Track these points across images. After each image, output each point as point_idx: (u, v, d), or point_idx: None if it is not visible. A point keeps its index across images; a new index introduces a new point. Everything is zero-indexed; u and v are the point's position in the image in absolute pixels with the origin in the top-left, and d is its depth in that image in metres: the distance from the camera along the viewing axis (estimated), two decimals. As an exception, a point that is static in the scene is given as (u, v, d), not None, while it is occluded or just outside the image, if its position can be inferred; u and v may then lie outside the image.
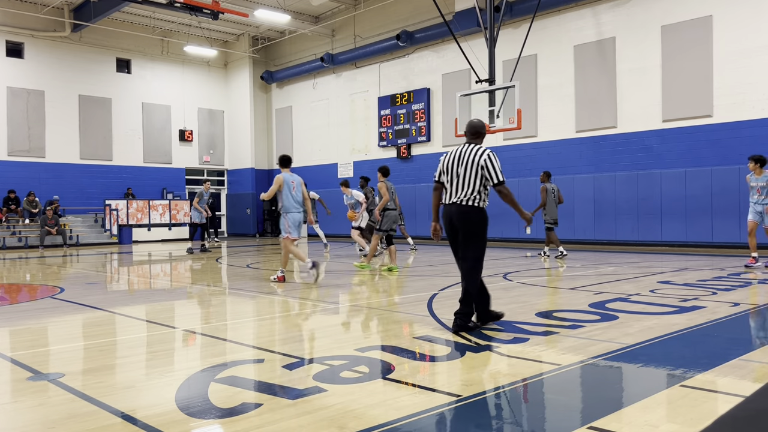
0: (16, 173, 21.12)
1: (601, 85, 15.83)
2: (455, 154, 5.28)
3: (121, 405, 3.28)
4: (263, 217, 25.97)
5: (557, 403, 3.35)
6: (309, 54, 23.99)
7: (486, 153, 5.16)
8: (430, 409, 3.14)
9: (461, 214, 5.13)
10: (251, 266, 12.08)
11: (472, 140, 5.36)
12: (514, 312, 5.96)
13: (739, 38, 13.59)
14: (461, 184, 5.16)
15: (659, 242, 14.79)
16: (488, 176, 5.11)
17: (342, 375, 3.80)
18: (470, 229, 5.15)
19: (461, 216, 5.13)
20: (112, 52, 23.43)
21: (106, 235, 21.66)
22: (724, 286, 7.78)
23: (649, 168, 14.98)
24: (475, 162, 5.13)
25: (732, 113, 13.75)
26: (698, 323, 5.29)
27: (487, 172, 5.11)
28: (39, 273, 11.44)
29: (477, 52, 16.18)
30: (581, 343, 4.57)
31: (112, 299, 7.83)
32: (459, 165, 5.19)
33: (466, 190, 5.13)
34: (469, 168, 5.14)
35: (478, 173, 5.12)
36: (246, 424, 2.94)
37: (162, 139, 24.81)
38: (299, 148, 24.91)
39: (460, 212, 5.14)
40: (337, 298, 7.61)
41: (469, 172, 5.13)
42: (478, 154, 5.16)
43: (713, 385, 3.51)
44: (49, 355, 4.68)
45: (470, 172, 5.13)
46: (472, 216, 5.13)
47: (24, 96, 21.37)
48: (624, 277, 8.89)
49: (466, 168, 5.15)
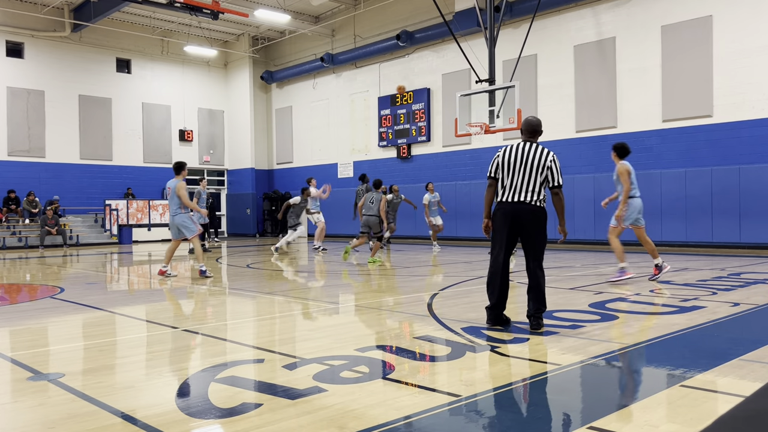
0: (16, 173, 21.12)
1: (601, 85, 15.83)
2: (515, 151, 5.21)
3: (121, 405, 3.28)
4: (263, 217, 25.97)
5: (557, 403, 3.35)
6: (309, 54, 23.99)
7: (552, 154, 5.19)
8: (430, 409, 3.14)
9: (532, 213, 5.10)
10: (251, 266, 12.08)
11: (530, 138, 5.31)
12: (514, 312, 5.95)
13: (739, 38, 13.59)
14: (526, 182, 5.11)
15: (659, 242, 14.75)
16: (551, 177, 5.12)
17: (342, 375, 3.80)
18: (541, 229, 5.16)
19: (532, 216, 5.10)
20: (112, 52, 23.44)
21: (106, 235, 21.66)
22: (724, 286, 7.78)
23: (649, 168, 14.98)
24: (542, 162, 5.12)
25: (732, 113, 13.75)
26: (698, 323, 5.29)
27: (550, 174, 5.12)
28: (39, 273, 11.44)
29: (477, 52, 16.18)
30: (581, 343, 4.57)
31: (112, 299, 7.83)
32: (522, 163, 5.13)
33: (533, 190, 5.10)
34: (535, 167, 5.11)
35: (544, 173, 5.12)
36: (246, 424, 2.94)
37: (162, 139, 24.81)
38: (299, 148, 24.92)
39: (531, 212, 5.10)
40: (337, 298, 7.61)
41: (535, 171, 5.11)
42: (544, 154, 5.16)
43: (713, 385, 3.51)
44: (49, 355, 4.68)
45: (536, 171, 5.11)
46: (542, 217, 5.16)
47: (24, 96, 21.37)
48: (624, 277, 8.88)
49: (532, 167, 5.11)
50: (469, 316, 5.82)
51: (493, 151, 18.24)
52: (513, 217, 5.13)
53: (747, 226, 13.44)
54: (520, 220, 5.12)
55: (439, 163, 19.48)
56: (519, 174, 5.13)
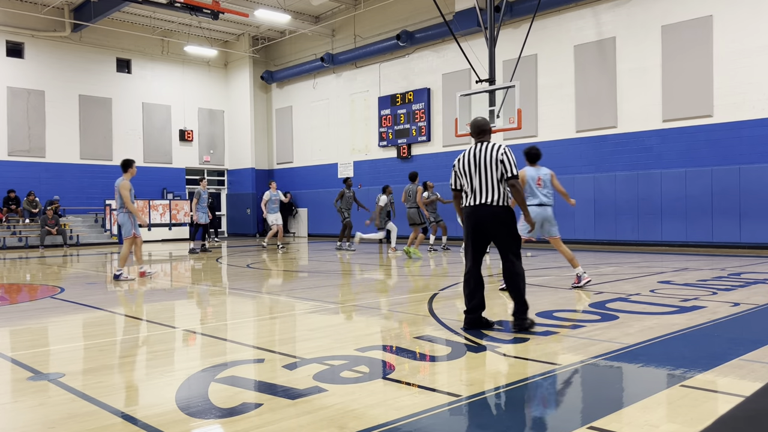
0: (16, 173, 21.11)
1: (601, 85, 15.83)
2: (468, 156, 5.20)
3: (121, 405, 3.28)
4: (263, 217, 25.92)
5: (557, 403, 3.35)
6: (309, 54, 23.99)
7: (503, 147, 5.16)
8: (430, 409, 3.14)
9: (493, 215, 5.08)
10: (251, 266, 12.08)
11: (481, 138, 5.29)
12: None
13: (739, 38, 13.59)
14: (483, 183, 5.09)
15: (659, 242, 14.79)
16: (504, 170, 5.08)
17: (342, 375, 3.80)
18: (507, 229, 5.12)
19: (494, 218, 5.08)
20: (112, 52, 23.43)
21: (106, 235, 21.66)
22: (724, 286, 7.78)
23: (649, 168, 14.98)
24: (493, 158, 5.08)
25: (732, 113, 13.75)
26: (698, 323, 5.29)
27: (503, 167, 5.08)
28: (39, 273, 11.44)
29: (477, 52, 16.17)
30: (581, 343, 4.57)
31: (112, 299, 7.83)
32: (476, 166, 5.12)
33: (492, 189, 5.07)
34: (488, 165, 5.08)
35: (498, 168, 5.08)
36: (246, 424, 2.94)
37: (162, 139, 24.80)
38: (299, 148, 24.92)
39: (492, 214, 5.08)
40: (337, 298, 7.61)
41: (489, 169, 5.08)
42: (495, 149, 5.12)
43: (713, 385, 3.51)
44: (49, 355, 4.68)
45: (490, 169, 5.08)
46: (505, 216, 5.11)
47: (24, 96, 21.37)
48: (624, 277, 8.89)
49: (486, 166, 5.09)
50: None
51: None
52: (476, 221, 5.13)
53: (747, 226, 13.44)
54: (483, 223, 5.12)
55: (440, 163, 19.47)
56: (476, 176, 5.12)
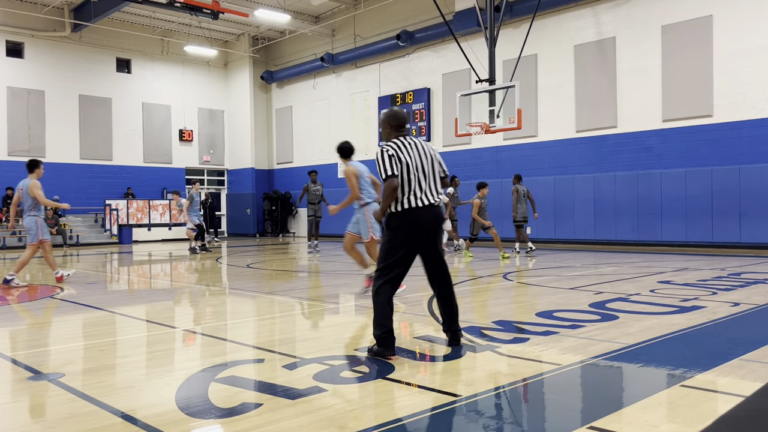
0: (16, 173, 21.06)
1: (601, 85, 15.83)
2: (416, 147, 4.41)
3: (121, 405, 3.28)
4: (263, 217, 25.96)
5: (557, 403, 3.35)
6: (309, 54, 23.99)
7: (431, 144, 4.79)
8: (430, 409, 3.14)
9: (441, 218, 4.44)
10: (251, 266, 12.08)
11: (403, 132, 4.51)
12: (514, 312, 5.96)
13: (739, 38, 13.59)
14: (432, 182, 4.42)
15: (659, 242, 14.79)
16: (441, 169, 4.54)
17: (342, 375, 3.80)
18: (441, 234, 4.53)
19: (442, 220, 4.45)
20: (112, 52, 23.43)
21: (106, 235, 21.66)
22: (724, 286, 7.78)
23: (649, 168, 14.98)
24: (435, 155, 4.52)
25: (732, 113, 13.75)
26: (698, 323, 5.29)
27: (440, 166, 4.54)
28: (39, 273, 11.44)
29: (477, 52, 16.17)
30: (581, 343, 4.57)
31: (112, 299, 7.83)
32: (428, 160, 4.43)
33: (437, 189, 4.45)
34: (433, 163, 4.47)
35: (438, 167, 4.54)
36: (246, 424, 2.94)
37: (162, 139, 24.81)
38: (299, 148, 24.92)
39: (441, 216, 4.43)
40: (337, 298, 7.61)
41: (435, 167, 4.49)
42: (430, 146, 4.57)
43: (713, 385, 3.51)
44: (49, 355, 4.67)
45: (435, 167, 4.49)
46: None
47: (24, 96, 21.37)
48: (624, 277, 8.89)
49: (432, 163, 4.44)
50: (469, 316, 5.82)
51: (494, 151, 18.28)
52: (430, 227, 4.34)
53: (747, 226, 13.45)
54: (435, 228, 4.38)
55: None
56: (429, 173, 4.39)
